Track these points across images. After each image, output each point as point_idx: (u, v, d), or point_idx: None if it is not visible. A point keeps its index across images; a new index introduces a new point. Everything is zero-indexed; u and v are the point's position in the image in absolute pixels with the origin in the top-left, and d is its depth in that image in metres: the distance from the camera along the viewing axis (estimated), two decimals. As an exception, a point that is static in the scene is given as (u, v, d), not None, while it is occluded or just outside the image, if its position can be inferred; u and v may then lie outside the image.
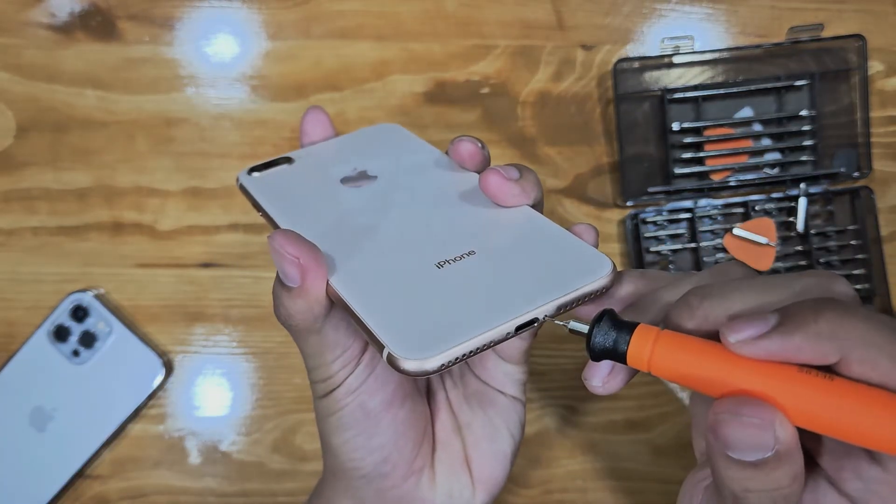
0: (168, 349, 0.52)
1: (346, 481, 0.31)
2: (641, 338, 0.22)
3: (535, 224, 0.28)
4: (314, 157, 0.35)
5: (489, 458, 0.33)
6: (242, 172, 0.34)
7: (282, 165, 0.34)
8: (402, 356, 0.22)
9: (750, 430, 0.20)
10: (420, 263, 0.26)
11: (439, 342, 0.22)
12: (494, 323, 0.23)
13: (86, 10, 0.54)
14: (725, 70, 0.53)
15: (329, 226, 0.29)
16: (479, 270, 0.26)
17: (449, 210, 0.30)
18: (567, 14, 0.54)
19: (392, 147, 0.35)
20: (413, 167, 0.33)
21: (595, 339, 0.23)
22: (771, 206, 0.52)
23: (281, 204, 0.31)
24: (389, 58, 0.54)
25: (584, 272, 0.25)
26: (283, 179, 0.33)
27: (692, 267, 0.52)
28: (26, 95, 0.53)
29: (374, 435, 0.30)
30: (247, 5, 0.54)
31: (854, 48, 0.52)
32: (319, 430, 0.31)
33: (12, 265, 0.52)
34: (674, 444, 0.51)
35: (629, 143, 0.53)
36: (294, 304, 0.26)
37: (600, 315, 0.23)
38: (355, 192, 0.32)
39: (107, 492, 0.50)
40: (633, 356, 0.22)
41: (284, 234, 0.25)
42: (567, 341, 0.52)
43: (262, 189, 0.33)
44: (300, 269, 0.25)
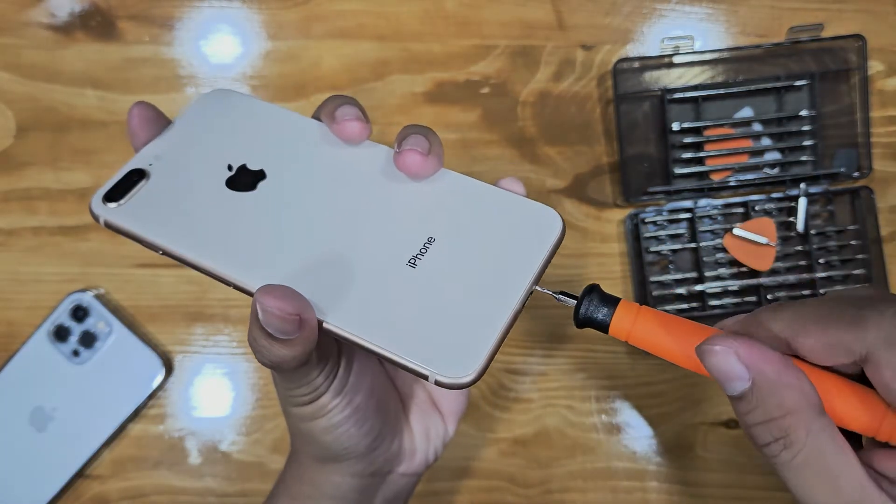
0: (168, 349, 0.52)
1: (337, 464, 0.32)
2: (624, 311, 0.25)
3: (469, 189, 0.27)
4: (169, 163, 0.28)
5: (451, 393, 0.35)
6: (98, 204, 0.27)
7: (139, 183, 0.28)
8: (452, 377, 0.23)
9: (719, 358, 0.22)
10: (393, 269, 0.25)
11: (475, 348, 0.23)
12: (507, 310, 0.24)
13: (86, 10, 0.54)
14: (725, 70, 0.53)
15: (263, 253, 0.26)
16: (452, 259, 0.25)
17: (373, 197, 0.27)
18: (567, 14, 0.54)
19: (249, 125, 0.30)
20: (292, 148, 0.29)
21: (582, 309, 0.25)
22: (771, 206, 0.52)
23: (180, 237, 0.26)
24: (389, 58, 0.54)
25: (544, 230, 0.26)
26: (156, 202, 0.27)
27: (692, 267, 0.52)
28: (26, 95, 0.53)
29: (365, 421, 0.30)
30: (247, 5, 0.54)
31: (854, 48, 0.52)
32: (301, 430, 0.31)
33: (12, 265, 0.52)
34: (674, 445, 0.51)
35: (629, 143, 0.53)
36: (287, 351, 0.24)
37: (589, 288, 0.25)
38: (257, 199, 0.27)
39: (107, 492, 0.50)
40: (616, 327, 0.25)
41: (273, 291, 0.23)
42: (567, 341, 0.52)
43: (141, 222, 0.27)
44: (298, 324, 0.23)
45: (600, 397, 0.52)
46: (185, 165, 0.28)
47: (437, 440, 0.35)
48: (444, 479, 0.51)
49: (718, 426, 0.51)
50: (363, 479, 0.33)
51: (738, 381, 0.22)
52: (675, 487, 0.51)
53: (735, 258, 0.52)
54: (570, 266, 0.52)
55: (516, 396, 0.52)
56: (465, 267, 0.25)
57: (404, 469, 0.34)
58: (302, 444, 0.33)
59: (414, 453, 0.34)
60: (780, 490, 0.50)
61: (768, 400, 0.22)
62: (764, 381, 0.22)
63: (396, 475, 0.34)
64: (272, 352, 0.24)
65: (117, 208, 0.27)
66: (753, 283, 0.51)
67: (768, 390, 0.22)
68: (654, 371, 0.52)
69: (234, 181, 0.28)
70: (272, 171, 0.28)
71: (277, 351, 0.24)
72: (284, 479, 0.35)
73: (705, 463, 0.51)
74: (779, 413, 0.22)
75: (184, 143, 0.29)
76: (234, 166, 0.28)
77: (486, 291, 0.24)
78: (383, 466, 0.33)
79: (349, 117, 0.28)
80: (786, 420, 0.22)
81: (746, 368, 0.22)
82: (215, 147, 0.29)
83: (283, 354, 0.24)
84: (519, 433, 0.51)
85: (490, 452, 0.51)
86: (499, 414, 0.51)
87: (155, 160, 0.28)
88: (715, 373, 0.22)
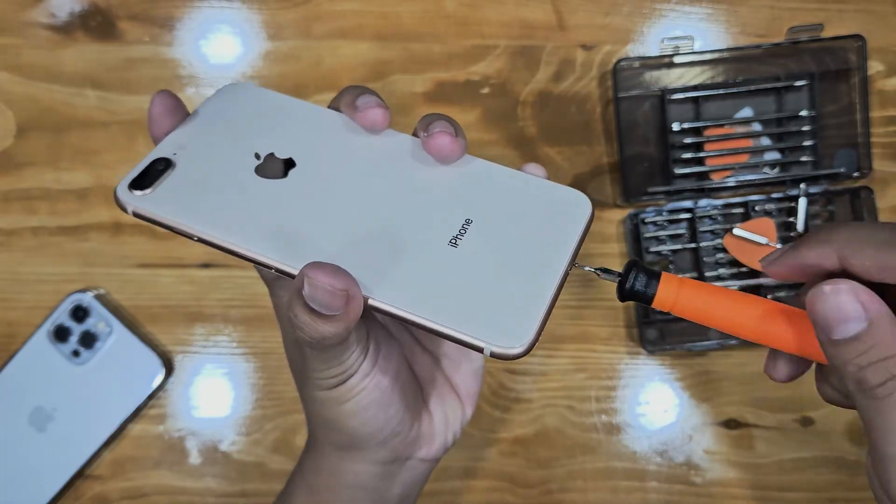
0: (168, 349, 0.52)
1: (360, 451, 0.32)
2: (667, 283, 0.26)
3: (498, 174, 0.28)
4: (194, 152, 0.28)
5: (469, 376, 0.36)
6: (125, 193, 0.27)
7: (165, 172, 0.28)
8: (506, 348, 0.23)
9: (840, 298, 0.23)
10: (435, 249, 0.26)
11: (526, 320, 0.24)
12: (551, 284, 0.25)
13: (86, 10, 0.54)
14: (725, 70, 0.53)
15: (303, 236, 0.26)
16: (491, 239, 0.26)
17: (405, 182, 0.28)
18: (567, 14, 0.54)
19: (272, 115, 0.30)
20: (317, 137, 0.29)
21: (628, 283, 0.26)
22: (771, 206, 0.52)
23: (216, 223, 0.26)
24: (389, 58, 0.54)
25: (575, 211, 0.27)
26: (185, 190, 0.27)
27: (692, 267, 0.52)
28: (26, 95, 0.53)
29: (390, 405, 0.31)
30: (247, 5, 0.54)
31: (854, 48, 0.52)
32: (326, 416, 0.31)
33: (12, 265, 0.52)
34: (674, 445, 0.51)
35: (629, 143, 0.53)
36: (330, 328, 0.24)
37: (631, 263, 0.26)
38: (289, 186, 0.28)
39: (107, 492, 0.50)
40: (660, 299, 0.26)
41: (322, 267, 0.24)
42: (567, 341, 0.52)
43: (173, 209, 0.27)
44: (346, 299, 0.24)
45: (600, 397, 0.52)
46: (210, 154, 0.28)
47: (455, 423, 0.35)
48: (444, 479, 0.51)
49: (718, 426, 0.51)
50: (384, 467, 0.33)
51: (855, 322, 0.22)
52: (675, 487, 0.51)
53: (735, 258, 0.52)
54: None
55: (516, 396, 0.52)
56: (505, 246, 0.26)
57: (423, 454, 0.34)
58: (323, 433, 0.32)
59: (433, 438, 0.34)
60: (781, 490, 0.50)
61: (887, 337, 0.22)
62: (882, 320, 0.22)
63: (415, 461, 0.34)
64: (315, 328, 0.24)
65: (145, 196, 0.27)
66: (753, 283, 0.51)
67: (886, 328, 0.22)
68: (655, 371, 0.52)
69: (263, 169, 0.28)
70: (301, 160, 0.28)
71: (321, 328, 0.24)
72: (302, 471, 0.35)
73: (705, 463, 0.51)
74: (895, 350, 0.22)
75: (207, 133, 0.29)
76: (261, 155, 0.28)
77: (528, 269, 0.25)
78: (403, 452, 0.33)
79: (372, 105, 0.28)
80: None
81: (864, 309, 0.23)
82: (240, 136, 0.29)
83: (326, 331, 0.24)
84: (519, 433, 0.51)
85: (490, 452, 0.51)
86: (499, 414, 0.51)
87: (178, 149, 0.28)
88: (830, 315, 0.23)
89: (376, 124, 0.28)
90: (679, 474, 0.51)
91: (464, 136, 0.28)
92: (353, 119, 0.29)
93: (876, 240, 0.24)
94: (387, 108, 0.28)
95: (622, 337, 0.52)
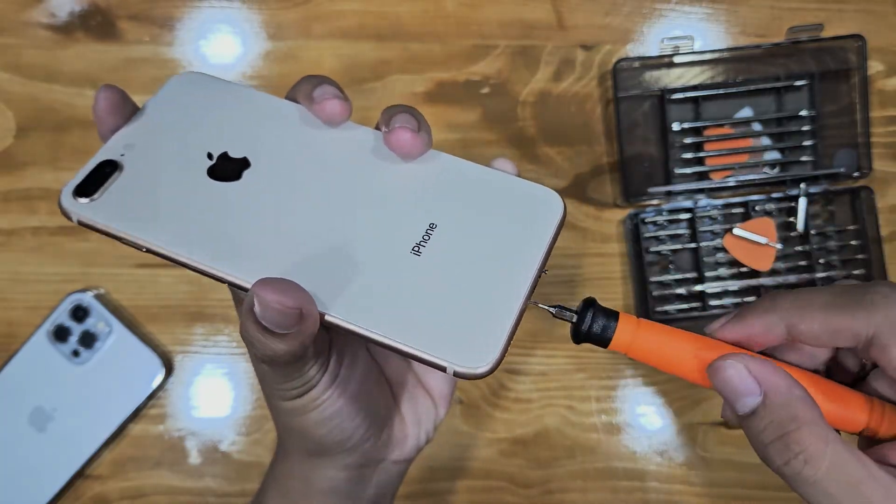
0: (168, 349, 0.52)
1: (330, 458, 0.31)
2: (625, 325, 0.25)
3: (464, 171, 0.27)
4: (143, 153, 0.26)
5: (441, 377, 0.35)
6: (69, 200, 0.25)
7: (112, 176, 0.26)
8: (471, 368, 0.22)
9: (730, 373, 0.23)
10: (397, 258, 0.24)
11: (491, 337, 0.23)
12: (519, 296, 0.24)
13: (86, 10, 0.54)
14: (725, 70, 0.53)
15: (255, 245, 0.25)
16: (456, 245, 0.25)
17: (366, 182, 0.26)
18: (567, 14, 0.54)
19: (225, 109, 0.28)
20: (273, 133, 0.27)
21: (583, 325, 0.25)
22: (771, 206, 0.52)
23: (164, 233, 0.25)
24: (389, 58, 0.54)
25: (545, 211, 0.26)
26: (133, 196, 0.26)
27: (692, 267, 0.52)
28: (26, 95, 0.53)
29: (357, 413, 0.30)
30: (247, 5, 0.54)
31: (854, 48, 0.52)
32: (291, 425, 0.30)
33: (12, 265, 0.52)
34: (674, 445, 0.51)
35: (629, 143, 0.52)
36: (283, 346, 0.23)
37: (588, 302, 0.25)
38: (243, 189, 0.26)
39: (107, 492, 0.50)
40: (618, 341, 0.25)
41: (272, 284, 0.22)
42: (567, 341, 0.52)
43: (118, 218, 0.25)
44: (298, 318, 0.22)
45: (600, 397, 0.52)
46: (160, 155, 0.26)
47: (428, 424, 0.35)
48: (444, 479, 0.51)
49: (718, 426, 0.51)
50: (356, 471, 0.32)
51: (750, 396, 0.22)
52: (675, 487, 0.51)
53: (735, 258, 0.52)
54: (570, 266, 0.52)
55: (516, 396, 0.52)
56: (471, 253, 0.24)
57: (396, 456, 0.34)
58: (292, 440, 0.32)
59: (405, 439, 0.34)
60: (781, 490, 0.50)
61: (781, 413, 0.22)
62: (776, 394, 0.22)
63: (388, 462, 0.34)
64: (267, 346, 0.23)
65: (91, 204, 0.25)
66: (754, 283, 0.51)
67: (781, 402, 0.22)
68: (654, 371, 0.52)
69: (215, 170, 0.26)
70: (256, 159, 0.27)
71: (273, 345, 0.23)
72: (274, 475, 0.34)
73: (705, 463, 0.51)
74: (794, 426, 0.22)
75: (156, 131, 0.27)
76: (214, 154, 0.27)
77: (495, 278, 0.24)
78: (375, 455, 0.33)
79: (329, 96, 0.26)
80: (802, 432, 0.21)
81: (757, 382, 0.22)
82: (191, 134, 0.27)
83: (279, 349, 0.23)
84: (519, 433, 0.51)
85: (490, 452, 0.51)
86: (499, 414, 0.51)
87: (126, 150, 0.26)
88: (726, 390, 0.23)
89: (334, 117, 0.27)
90: (679, 474, 0.51)
91: (428, 129, 0.26)
92: (311, 111, 0.27)
93: (820, 303, 0.23)
94: (346, 99, 0.27)
95: (622, 337, 0.52)
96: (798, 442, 0.21)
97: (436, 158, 0.27)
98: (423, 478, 0.51)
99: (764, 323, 0.24)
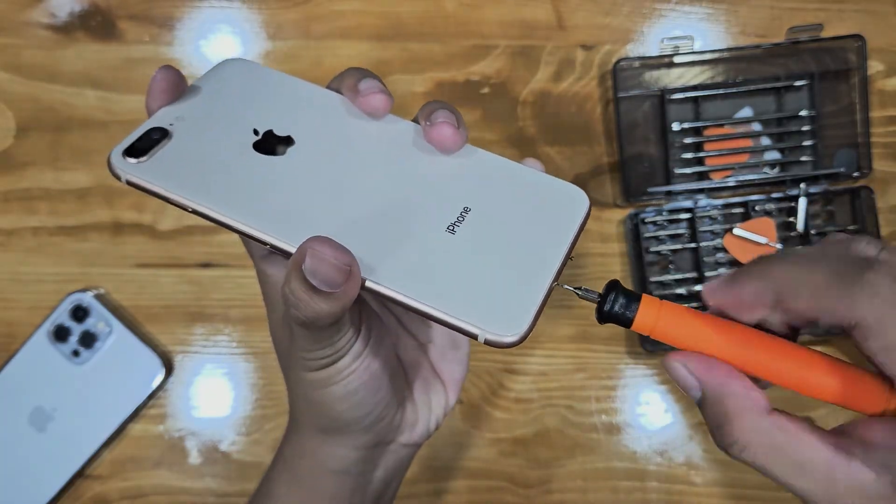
0: (168, 349, 0.52)
1: (343, 436, 0.32)
2: (647, 306, 0.25)
3: (497, 165, 0.28)
4: (191, 125, 0.28)
5: (454, 362, 0.35)
6: (119, 160, 0.26)
7: (161, 142, 0.27)
8: (501, 335, 0.23)
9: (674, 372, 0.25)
10: (433, 234, 0.26)
11: (521, 309, 0.24)
12: (548, 274, 0.25)
13: (86, 10, 0.54)
14: (725, 70, 0.53)
15: (299, 213, 0.26)
16: (489, 228, 0.26)
17: (405, 167, 0.28)
18: (567, 14, 0.54)
19: (271, 92, 0.30)
20: (317, 118, 0.29)
21: (606, 306, 0.26)
22: (771, 206, 0.52)
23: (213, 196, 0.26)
24: (389, 58, 0.54)
25: (572, 205, 0.27)
26: (182, 162, 0.27)
27: (692, 267, 0.52)
28: (26, 95, 0.53)
29: (379, 389, 0.30)
30: (247, 5, 0.54)
31: (854, 48, 0.52)
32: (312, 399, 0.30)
33: (12, 265, 0.52)
34: (674, 445, 0.51)
35: (629, 143, 0.53)
36: (327, 306, 0.24)
37: (611, 285, 0.26)
38: (287, 164, 0.27)
39: (107, 492, 0.50)
40: (640, 322, 0.25)
41: (326, 241, 0.23)
42: (567, 341, 0.52)
43: (169, 180, 0.26)
44: (347, 275, 0.23)
45: (600, 397, 0.52)
46: (208, 128, 0.28)
47: (438, 410, 0.35)
48: (444, 480, 0.51)
49: (718, 426, 0.51)
50: (367, 451, 0.32)
51: (693, 390, 0.25)
52: (675, 487, 0.51)
53: (735, 258, 0.52)
54: (570, 266, 0.52)
55: (516, 396, 0.52)
56: (502, 236, 0.26)
57: (406, 439, 0.34)
58: (307, 416, 0.32)
59: (416, 423, 0.34)
60: (781, 490, 0.50)
61: (715, 408, 0.24)
62: (709, 391, 0.24)
63: (398, 445, 0.34)
64: (311, 306, 0.24)
65: (140, 164, 0.26)
66: (753, 282, 0.51)
67: (713, 399, 0.24)
68: (655, 371, 0.52)
69: (261, 145, 0.28)
70: (300, 138, 0.28)
71: (317, 305, 0.23)
72: (283, 456, 0.34)
73: (705, 463, 0.51)
74: (724, 420, 0.24)
75: (205, 106, 0.29)
76: (260, 131, 0.28)
77: (524, 259, 0.25)
78: (386, 437, 0.33)
79: (374, 90, 0.28)
80: (733, 426, 0.24)
81: (696, 380, 0.25)
82: (238, 112, 0.29)
83: (322, 309, 0.24)
84: (519, 433, 0.51)
85: (490, 452, 0.51)
86: (499, 414, 0.51)
87: (176, 121, 0.28)
88: (676, 382, 0.25)
89: (378, 110, 0.28)
90: (679, 474, 0.51)
91: (465, 126, 0.28)
92: (354, 103, 0.28)
93: (812, 284, 0.23)
94: (389, 94, 0.28)
95: (622, 337, 0.52)
96: (730, 434, 0.24)
97: (471, 152, 0.28)
98: (423, 477, 0.51)
99: (754, 290, 0.25)
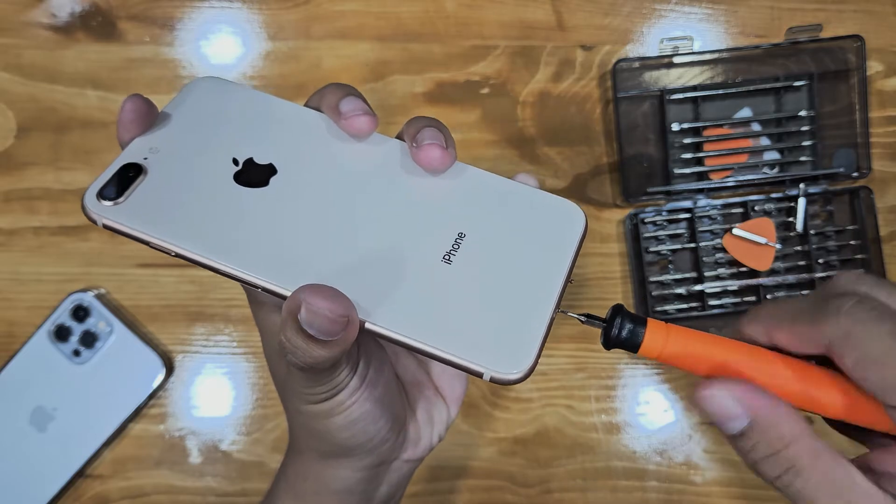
0: (168, 349, 0.52)
1: (345, 459, 0.32)
2: (654, 331, 0.25)
3: (489, 184, 0.27)
4: (167, 157, 0.26)
5: (455, 378, 0.35)
6: (93, 203, 0.25)
7: (136, 179, 0.25)
8: (507, 373, 0.23)
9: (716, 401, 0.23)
10: (430, 267, 0.24)
11: (525, 343, 0.23)
12: (549, 305, 0.24)
13: (86, 10, 0.54)
14: (724, 70, 0.53)
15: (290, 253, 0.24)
16: (485, 254, 0.25)
17: (394, 192, 0.26)
18: (567, 14, 0.55)
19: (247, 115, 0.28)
20: (298, 141, 0.27)
21: (613, 331, 0.25)
22: (770, 206, 0.52)
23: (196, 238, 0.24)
24: (389, 58, 0.54)
25: (569, 223, 0.26)
26: (159, 200, 0.25)
27: (691, 267, 0.52)
28: (27, 95, 0.53)
29: (381, 416, 0.30)
30: (247, 6, 0.54)
31: (853, 48, 0.52)
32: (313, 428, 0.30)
33: (13, 265, 0.52)
34: (674, 445, 0.51)
35: (629, 143, 0.53)
36: (325, 353, 0.23)
37: (616, 309, 0.25)
38: (271, 196, 0.25)
39: (107, 491, 0.50)
40: (647, 347, 0.25)
41: (321, 291, 0.22)
42: (567, 341, 0.52)
43: (147, 222, 0.24)
44: (344, 325, 0.22)
45: (600, 397, 0.52)
46: (184, 159, 0.26)
47: (440, 425, 0.35)
48: (444, 479, 0.51)
49: (718, 426, 0.51)
50: (370, 471, 0.32)
51: (737, 420, 0.23)
52: (675, 487, 0.51)
53: (735, 258, 0.52)
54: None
55: (516, 396, 0.52)
56: (499, 262, 0.25)
57: (409, 455, 0.34)
58: (308, 442, 0.32)
59: (419, 440, 0.34)
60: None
61: (769, 433, 0.23)
62: (762, 417, 0.23)
63: (400, 462, 0.34)
64: (308, 353, 0.23)
65: (116, 207, 0.25)
66: (753, 283, 0.51)
67: (766, 425, 0.23)
68: (654, 370, 0.52)
69: (242, 176, 0.26)
70: (282, 166, 0.26)
71: (315, 352, 0.23)
72: (286, 476, 0.34)
73: (705, 463, 0.51)
74: (781, 445, 0.23)
75: (179, 135, 0.27)
76: (239, 160, 0.26)
77: (525, 286, 0.24)
78: (389, 457, 0.33)
79: (358, 112, 0.26)
80: (790, 449, 0.23)
81: (743, 407, 0.23)
82: (215, 138, 0.27)
83: (320, 356, 0.23)
84: (519, 433, 0.51)
85: (490, 452, 0.51)
86: (499, 414, 0.51)
87: (150, 153, 0.26)
88: (714, 415, 0.24)
89: (363, 132, 0.27)
90: (679, 474, 0.51)
91: (453, 143, 0.27)
92: (338, 124, 0.27)
93: (790, 313, 0.24)
94: (373, 114, 0.27)
95: (622, 337, 0.52)
96: (788, 459, 0.23)
97: (462, 171, 0.27)
98: (423, 477, 0.51)
99: (752, 331, 0.25)
